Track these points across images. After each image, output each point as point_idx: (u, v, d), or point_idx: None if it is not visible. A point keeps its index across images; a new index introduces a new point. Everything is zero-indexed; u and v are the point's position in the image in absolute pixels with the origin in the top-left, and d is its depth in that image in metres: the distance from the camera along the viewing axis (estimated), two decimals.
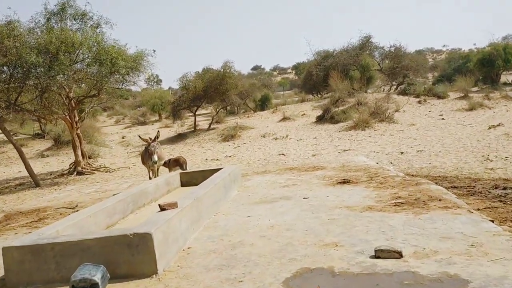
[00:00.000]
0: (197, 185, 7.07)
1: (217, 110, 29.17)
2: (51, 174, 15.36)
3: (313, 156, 13.80)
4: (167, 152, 19.84)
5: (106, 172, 14.59)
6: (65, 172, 14.70)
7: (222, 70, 25.36)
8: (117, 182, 11.42)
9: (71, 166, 14.77)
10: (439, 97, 27.77)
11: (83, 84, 13.85)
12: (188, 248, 4.77)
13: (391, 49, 34.85)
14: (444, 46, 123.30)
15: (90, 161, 15.96)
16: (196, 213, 5.30)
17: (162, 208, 4.81)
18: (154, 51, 14.08)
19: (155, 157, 8.31)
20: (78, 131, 14.54)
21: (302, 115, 27.02)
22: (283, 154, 14.68)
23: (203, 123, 28.37)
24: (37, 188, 12.50)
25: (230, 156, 15.68)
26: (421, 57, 44.54)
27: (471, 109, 22.77)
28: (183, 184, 8.44)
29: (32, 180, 13.04)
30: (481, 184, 8.27)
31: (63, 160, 20.24)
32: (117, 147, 25.43)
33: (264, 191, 7.75)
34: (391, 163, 11.22)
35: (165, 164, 9.52)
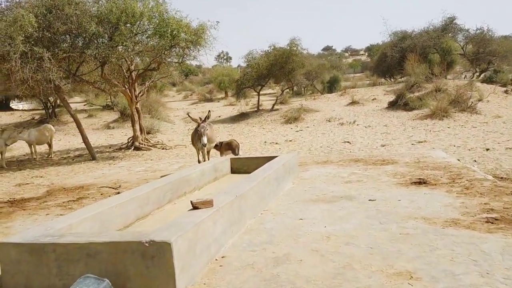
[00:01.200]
0: (249, 173, 6.27)
1: (282, 90, 28.11)
2: (110, 147, 15.26)
3: (383, 146, 12.45)
4: (227, 132, 19.23)
5: (163, 149, 14.19)
6: (123, 146, 14.51)
7: (288, 47, 24.16)
8: (169, 161, 10.87)
9: (129, 140, 14.54)
10: None
11: (144, 57, 13.38)
12: (222, 257, 3.91)
13: (477, 32, 31.63)
14: None
15: (148, 137, 15.68)
16: (237, 213, 4.43)
17: (194, 207, 3.97)
18: (218, 22, 13.27)
19: (205, 139, 7.54)
20: (138, 105, 14.21)
21: (373, 99, 25.28)
22: (348, 142, 13.44)
23: (267, 103, 27.45)
24: (93, 161, 12.32)
25: (290, 140, 14.68)
26: (509, 42, 40.39)
27: None
28: (233, 171, 7.63)
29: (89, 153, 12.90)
30: None
31: (126, 133, 20.29)
32: (180, 123, 25.27)
33: (322, 186, 6.73)
34: (475, 161, 9.67)
35: (216, 147, 8.76)
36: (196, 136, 7.81)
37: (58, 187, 8.07)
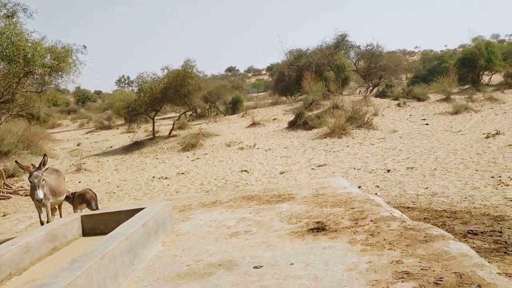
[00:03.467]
0: (107, 233, 4.63)
1: (180, 114, 26.52)
2: None
3: (282, 174, 11.35)
4: (114, 166, 17.10)
5: (27, 195, 11.80)
6: None
7: (182, 69, 22.68)
8: (23, 216, 8.68)
9: None
10: (419, 99, 25.89)
11: None
12: None
13: (368, 48, 32.80)
14: (416, 47, 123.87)
15: (11, 181, 13.15)
16: None
17: None
18: (85, 47, 11.41)
19: (39, 193, 5.69)
20: None
21: (273, 119, 24.68)
22: (246, 171, 12.19)
23: (167, 128, 25.52)
24: None
25: (183, 173, 13.07)
26: (398, 57, 42.79)
27: (455, 112, 20.81)
28: (86, 233, 5.85)
29: None
30: (510, 227, 5.93)
31: None
32: (67, 157, 22.49)
33: (200, 245, 5.24)
34: (378, 186, 8.87)
35: (68, 200, 6.89)
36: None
37: None
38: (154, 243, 5.20)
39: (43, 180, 5.86)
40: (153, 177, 12.79)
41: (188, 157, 17.04)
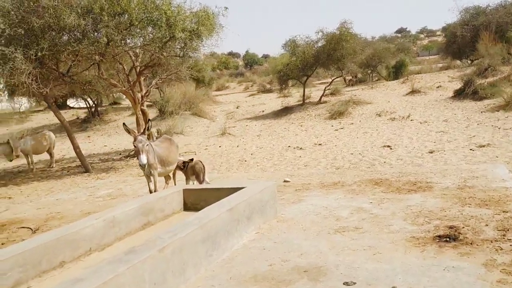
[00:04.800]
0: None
1: (331, 80, 25.45)
2: (120, 154, 13.81)
3: (430, 153, 9.70)
4: (258, 130, 17.10)
5: None
6: (132, 153, 12.95)
7: (337, 32, 21.39)
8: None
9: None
10: None
11: (144, 52, 11.60)
12: None
13: None
14: None
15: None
16: None
17: None
18: (226, 8, 11.18)
19: (143, 158, 5.58)
20: (144, 107, 12.53)
21: (438, 87, 21.91)
22: (389, 147, 10.80)
23: (327, 92, 24.37)
24: (85, 174, 10.84)
25: (320, 144, 12.26)
26: None
27: None
28: (187, 207, 5.58)
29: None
30: None
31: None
32: (222, 119, 23.55)
33: (297, 239, 4.50)
34: None
35: (181, 170, 6.73)
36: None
37: None
38: (245, 230, 4.63)
39: (147, 145, 5.75)
40: (289, 146, 12.29)
41: (332, 126, 16.11)
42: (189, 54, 11.43)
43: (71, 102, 36.35)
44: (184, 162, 6.64)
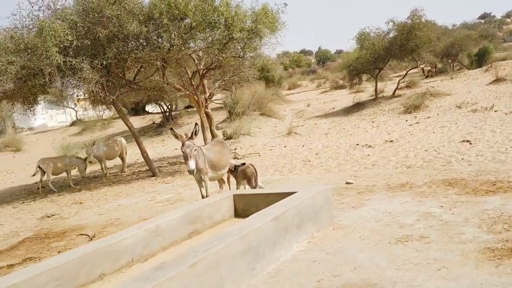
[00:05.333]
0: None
1: (406, 72, 24.07)
2: None
3: None
4: (327, 128, 16.52)
5: (234, 158, 12.31)
6: None
7: (409, 21, 20.11)
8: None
9: None
10: None
11: (205, 54, 11.57)
12: None
13: None
14: None
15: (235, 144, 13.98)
16: None
17: None
18: (286, 5, 10.83)
19: (191, 164, 5.40)
20: (208, 109, 12.53)
21: None
22: (468, 141, 9.79)
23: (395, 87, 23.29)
24: (152, 178, 11.05)
25: (391, 141, 11.46)
26: None
27: None
28: (238, 214, 5.33)
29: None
30: None
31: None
32: (291, 118, 23.18)
33: (352, 250, 4.06)
34: None
35: (232, 173, 6.46)
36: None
37: (44, 232, 6.76)
38: (295, 239, 4.29)
39: (195, 150, 5.57)
40: (357, 144, 11.63)
41: (406, 120, 15.09)
42: (250, 54, 11.21)
43: (149, 108, 38.06)
44: (235, 166, 6.38)
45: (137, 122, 31.53)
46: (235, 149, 13.34)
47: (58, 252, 5.34)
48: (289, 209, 4.21)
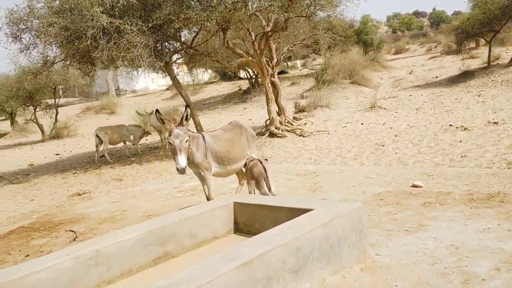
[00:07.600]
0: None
1: None
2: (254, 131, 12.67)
3: None
4: (421, 102, 14.04)
5: (300, 135, 10.74)
6: (263, 130, 11.69)
7: None
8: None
9: (266, 124, 11.58)
10: None
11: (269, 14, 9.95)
12: None
13: None
14: None
15: (302, 116, 12.39)
16: None
17: None
18: None
19: (180, 160, 4.07)
20: (274, 79, 11.03)
21: None
22: None
23: None
24: None
25: (495, 123, 8.90)
26: None
27: None
28: (239, 228, 3.97)
29: None
30: None
31: None
32: (387, 88, 20.73)
33: None
34: None
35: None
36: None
37: (44, 220, 5.99)
38: (302, 283, 2.84)
39: (186, 141, 4.22)
40: (450, 125, 9.35)
41: None
42: (320, 14, 9.41)
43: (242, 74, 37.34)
44: (251, 161, 4.85)
45: (227, 87, 31.03)
46: (305, 124, 11.73)
47: (26, 256, 4.48)
48: (275, 248, 2.75)
